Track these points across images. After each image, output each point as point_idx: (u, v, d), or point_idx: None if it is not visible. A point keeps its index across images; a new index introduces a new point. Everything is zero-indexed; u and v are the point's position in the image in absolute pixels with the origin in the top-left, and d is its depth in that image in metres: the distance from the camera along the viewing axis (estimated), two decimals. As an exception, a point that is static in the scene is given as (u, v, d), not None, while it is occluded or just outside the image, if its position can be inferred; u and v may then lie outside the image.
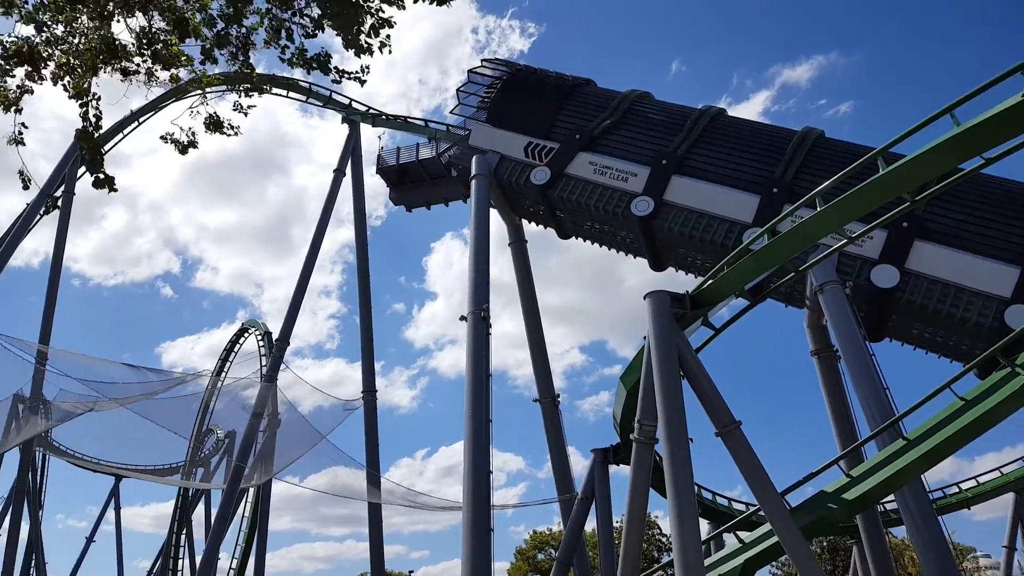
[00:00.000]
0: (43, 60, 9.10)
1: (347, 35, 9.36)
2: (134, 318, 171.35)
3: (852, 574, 26.63)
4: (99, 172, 10.01)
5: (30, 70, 9.13)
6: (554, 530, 67.00)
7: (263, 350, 45.63)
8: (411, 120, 37.80)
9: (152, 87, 9.82)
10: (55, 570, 53.43)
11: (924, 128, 11.62)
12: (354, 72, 10.09)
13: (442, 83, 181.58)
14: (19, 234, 37.53)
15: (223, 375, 49.02)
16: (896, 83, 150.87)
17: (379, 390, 36.55)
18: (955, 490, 34.17)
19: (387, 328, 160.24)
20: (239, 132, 10.30)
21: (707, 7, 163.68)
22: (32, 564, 45.10)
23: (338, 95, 40.31)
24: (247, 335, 50.44)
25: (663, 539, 61.58)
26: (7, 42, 9.01)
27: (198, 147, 10.45)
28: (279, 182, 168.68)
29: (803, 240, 12.89)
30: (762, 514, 13.71)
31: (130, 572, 79.32)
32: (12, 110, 9.48)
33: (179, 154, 10.37)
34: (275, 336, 34.82)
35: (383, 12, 9.42)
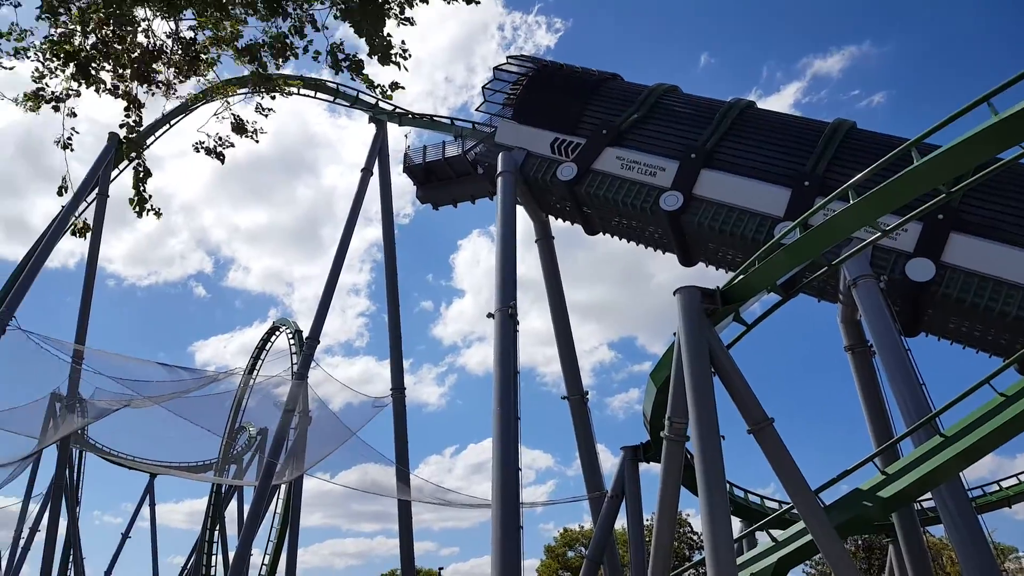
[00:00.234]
0: (90, 62, 9.10)
1: (370, 39, 9.28)
2: (168, 317, 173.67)
3: (888, 573, 26.21)
4: (143, 196, 10.15)
5: (76, 72, 9.13)
6: (584, 528, 66.86)
7: (294, 348, 45.80)
8: (437, 118, 37.82)
9: (178, 94, 9.84)
10: (92, 565, 54.14)
11: (960, 118, 11.34)
12: (382, 85, 10.02)
13: (469, 80, 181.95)
14: (55, 236, 38.05)
15: (255, 373, 49.37)
16: (931, 72, 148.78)
17: (408, 387, 36.63)
18: (995, 488, 33.44)
19: (415, 326, 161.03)
20: (259, 135, 10.26)
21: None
22: (70, 560, 45.76)
23: (365, 95, 40.44)
24: (278, 333, 50.70)
25: (694, 537, 61.20)
26: (53, 38, 8.99)
27: (226, 154, 10.43)
28: (308, 182, 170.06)
29: (836, 234, 12.65)
30: (795, 512, 13.53)
31: (164, 568, 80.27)
32: (63, 111, 9.51)
33: (218, 161, 10.35)
34: (305, 334, 35.00)
35: (407, 10, 9.33)
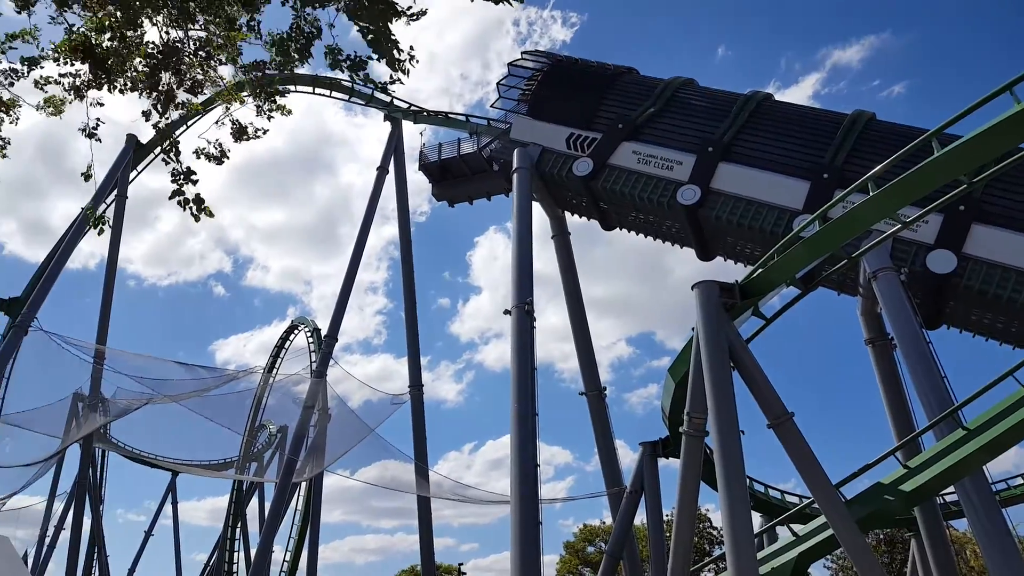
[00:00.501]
0: (107, 58, 9.15)
1: (376, 41, 9.26)
2: (188, 317, 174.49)
3: (911, 568, 26.03)
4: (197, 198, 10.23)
5: (92, 67, 9.19)
6: (604, 523, 66.76)
7: (312, 346, 46.12)
8: (452, 115, 37.83)
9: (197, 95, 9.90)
10: (116, 563, 54.58)
11: (982, 107, 11.21)
12: (385, 82, 10.02)
13: (484, 77, 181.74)
14: (75, 238, 38.39)
15: (274, 371, 49.72)
16: (953, 62, 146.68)
17: (426, 384, 36.75)
18: (1020, 481, 33.12)
19: (433, 323, 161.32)
20: (261, 133, 10.34)
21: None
22: (94, 557, 46.20)
23: (380, 93, 40.44)
24: (297, 332, 51.07)
25: (714, 532, 60.98)
26: (70, 33, 9.05)
27: (246, 153, 10.55)
28: (326, 181, 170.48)
29: (855, 226, 12.55)
30: (816, 507, 13.46)
31: (187, 565, 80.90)
32: (86, 101, 9.57)
33: (216, 164, 10.47)
34: (324, 333, 35.19)
35: (413, 7, 9.30)
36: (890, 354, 21.20)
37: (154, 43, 9.32)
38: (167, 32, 9.30)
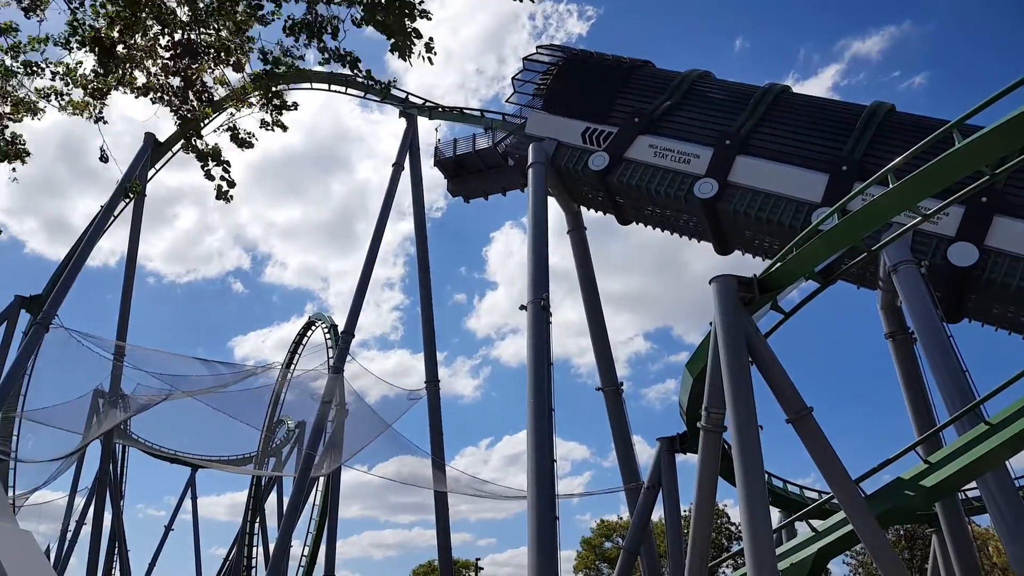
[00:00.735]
0: (114, 47, 9.21)
1: (393, 36, 9.23)
2: (207, 314, 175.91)
3: (932, 564, 25.79)
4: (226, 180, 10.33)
5: (104, 58, 9.25)
6: (621, 519, 66.68)
7: (329, 342, 46.28)
8: (467, 111, 37.73)
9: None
10: (136, 558, 55.22)
11: (1004, 97, 11.03)
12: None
13: (500, 72, 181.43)
14: (95, 235, 38.70)
15: (292, 367, 49.93)
16: (974, 51, 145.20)
17: (442, 380, 36.75)
18: (1042, 476, 32.84)
19: (449, 318, 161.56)
20: (254, 139, 10.51)
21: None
22: (115, 552, 46.69)
23: (395, 89, 40.38)
24: (314, 328, 51.25)
25: (732, 528, 60.78)
26: (80, 26, 9.11)
27: (261, 151, 10.69)
28: (342, 178, 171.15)
29: (875, 219, 12.40)
30: (835, 502, 13.33)
31: (207, 559, 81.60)
32: (93, 94, 9.66)
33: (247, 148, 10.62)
34: (341, 329, 35.25)
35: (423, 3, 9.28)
36: (910, 348, 21.03)
37: (167, 36, 9.36)
38: (177, 31, 9.34)
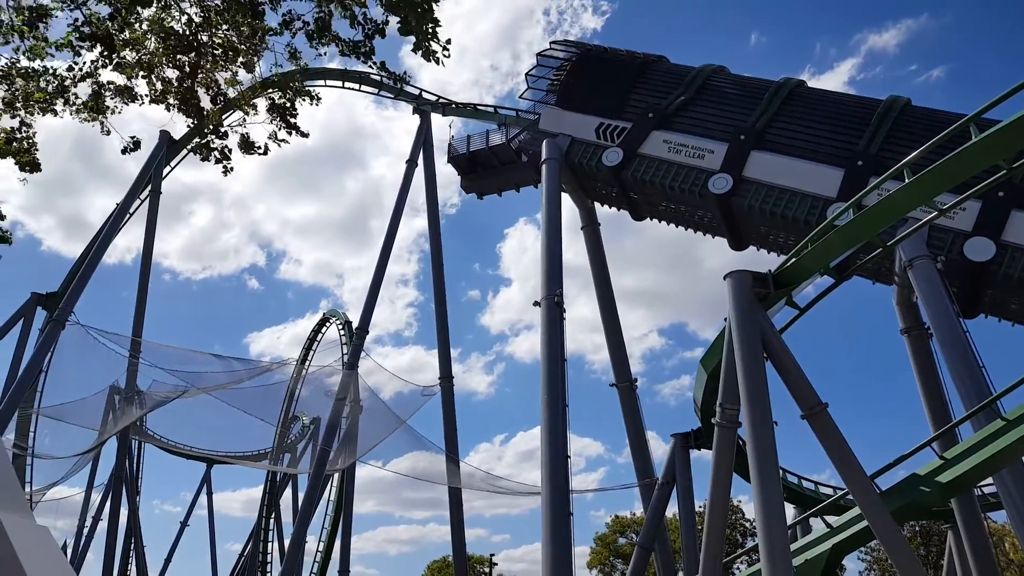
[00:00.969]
0: (114, 38, 9.32)
1: (414, 33, 9.29)
2: (223, 310, 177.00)
3: (948, 560, 25.66)
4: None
5: (104, 52, 9.35)
6: (635, 515, 66.66)
7: (344, 339, 46.41)
8: (480, 107, 37.72)
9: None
10: (152, 553, 55.69)
11: (1021, 91, 10.93)
12: (404, 74, 10.11)
13: (514, 68, 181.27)
14: (111, 232, 38.97)
15: (307, 364, 50.09)
16: (992, 44, 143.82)
17: (456, 376, 36.83)
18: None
19: (463, 315, 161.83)
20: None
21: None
22: (131, 547, 46.99)
23: (409, 86, 40.39)
24: (328, 325, 51.38)
25: (747, 524, 60.68)
26: (83, 20, 9.22)
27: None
28: (356, 175, 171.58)
29: (891, 214, 12.33)
30: (850, 498, 13.29)
31: (222, 555, 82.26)
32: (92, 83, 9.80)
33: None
34: (355, 325, 35.35)
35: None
36: (926, 344, 20.90)
37: (174, 31, 9.45)
38: (186, 29, 9.43)
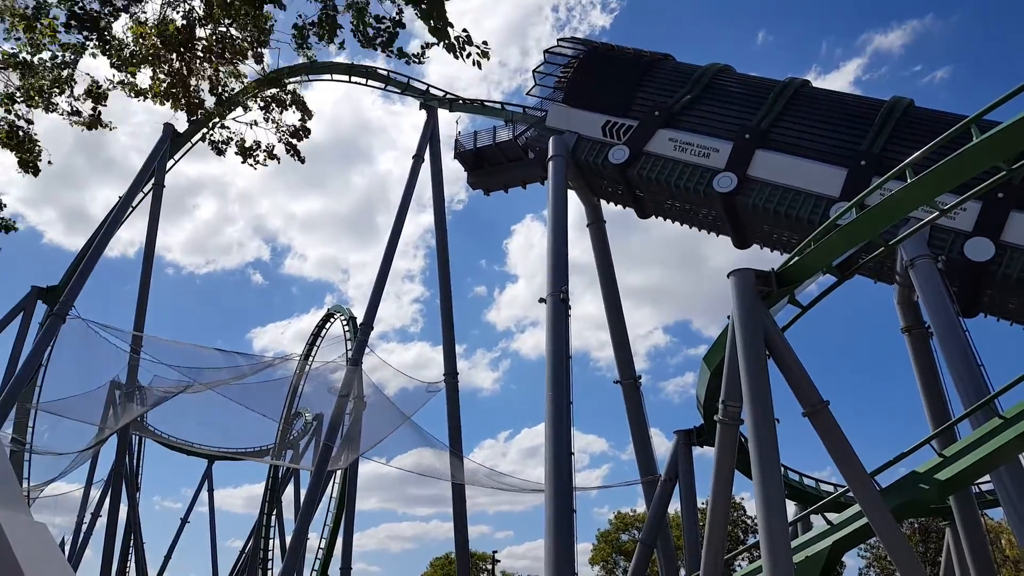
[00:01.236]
0: (101, 19, 9.41)
1: (434, 24, 9.39)
2: (226, 305, 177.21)
3: (945, 557, 25.80)
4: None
5: (92, 36, 9.45)
6: (638, 512, 66.82)
7: (348, 335, 46.45)
8: (487, 103, 37.79)
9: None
10: (152, 550, 55.81)
11: (1022, 92, 11.06)
12: (415, 55, 10.12)
13: (522, 64, 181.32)
14: (113, 226, 39.00)
15: (310, 359, 50.06)
16: (996, 46, 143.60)
17: (462, 372, 36.83)
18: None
19: (469, 311, 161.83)
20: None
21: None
22: (131, 544, 46.87)
23: (416, 81, 40.57)
24: (333, 320, 51.32)
25: (748, 520, 60.82)
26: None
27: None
28: (363, 169, 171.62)
29: (893, 214, 12.45)
30: (851, 495, 13.42)
31: (223, 551, 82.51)
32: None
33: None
34: (359, 321, 35.40)
35: None
36: (927, 342, 21.03)
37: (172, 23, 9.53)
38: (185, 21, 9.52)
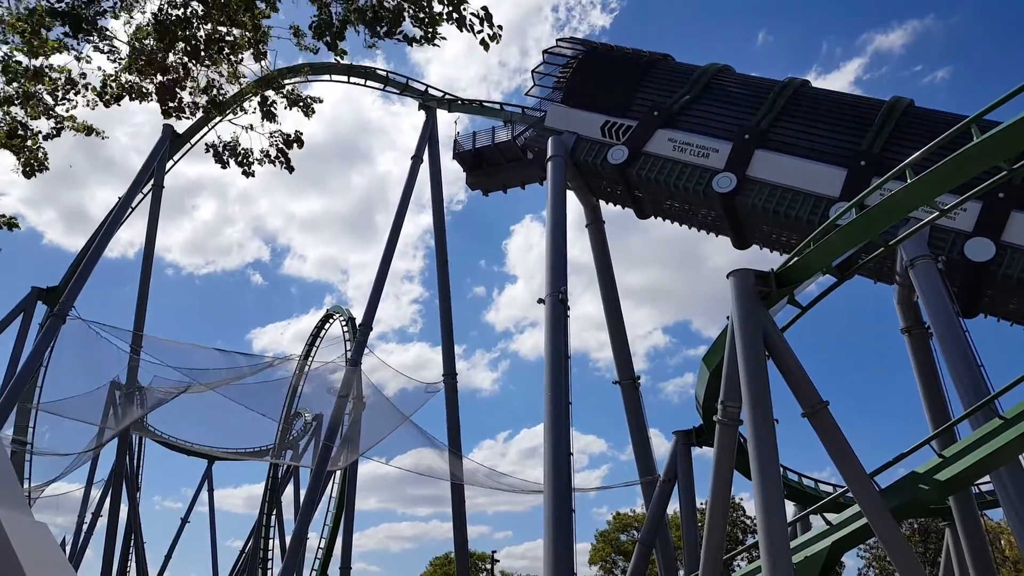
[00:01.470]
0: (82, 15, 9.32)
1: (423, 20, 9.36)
2: (226, 306, 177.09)
3: (945, 557, 25.77)
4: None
5: (69, 27, 9.36)
6: (637, 512, 66.77)
7: (347, 335, 46.41)
8: (486, 104, 37.75)
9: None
10: (152, 550, 55.67)
11: (1022, 92, 11.04)
12: (421, 36, 10.00)
13: (522, 64, 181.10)
14: (113, 226, 38.96)
15: (310, 359, 50.03)
16: (997, 46, 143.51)
17: (461, 373, 36.81)
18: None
19: (468, 312, 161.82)
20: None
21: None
22: (131, 544, 46.78)
23: (415, 81, 40.54)
24: (332, 321, 51.28)
25: (747, 521, 60.80)
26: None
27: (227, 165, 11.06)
28: (362, 170, 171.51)
29: (893, 214, 12.44)
30: (850, 496, 13.41)
31: (223, 551, 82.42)
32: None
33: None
34: (358, 321, 35.38)
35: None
36: (926, 343, 21.00)
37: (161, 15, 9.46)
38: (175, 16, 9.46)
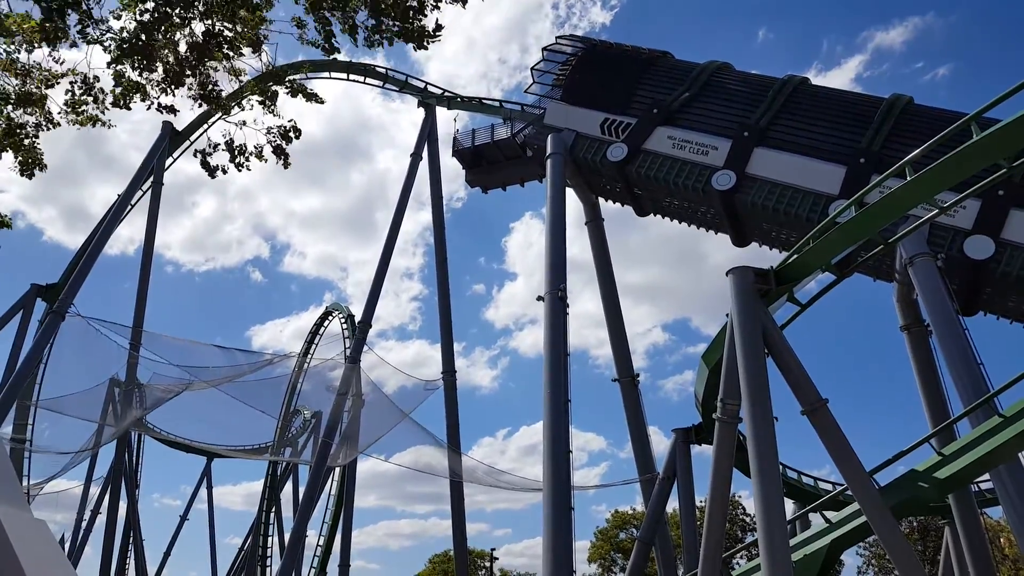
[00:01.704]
0: (156, 55, 9.42)
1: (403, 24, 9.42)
2: (226, 303, 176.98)
3: (944, 555, 25.79)
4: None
5: (143, 63, 9.45)
6: (636, 510, 66.81)
7: (346, 332, 46.37)
8: (486, 101, 37.76)
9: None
10: (151, 547, 55.48)
11: (1022, 90, 11.03)
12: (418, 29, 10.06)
13: (522, 61, 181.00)
14: (112, 223, 38.92)
15: (309, 357, 50.00)
16: (997, 44, 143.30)
17: (460, 370, 36.88)
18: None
19: (468, 309, 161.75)
20: (245, 167, 10.82)
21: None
22: (130, 541, 46.76)
23: (414, 79, 40.48)
24: (331, 318, 51.23)
25: (747, 519, 60.82)
26: (120, 37, 9.32)
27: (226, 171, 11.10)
28: (362, 167, 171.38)
29: (892, 211, 12.43)
30: (849, 493, 13.40)
31: (222, 548, 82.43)
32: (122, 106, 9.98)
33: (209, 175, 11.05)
34: (358, 319, 35.36)
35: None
36: (926, 341, 20.97)
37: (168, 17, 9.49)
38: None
